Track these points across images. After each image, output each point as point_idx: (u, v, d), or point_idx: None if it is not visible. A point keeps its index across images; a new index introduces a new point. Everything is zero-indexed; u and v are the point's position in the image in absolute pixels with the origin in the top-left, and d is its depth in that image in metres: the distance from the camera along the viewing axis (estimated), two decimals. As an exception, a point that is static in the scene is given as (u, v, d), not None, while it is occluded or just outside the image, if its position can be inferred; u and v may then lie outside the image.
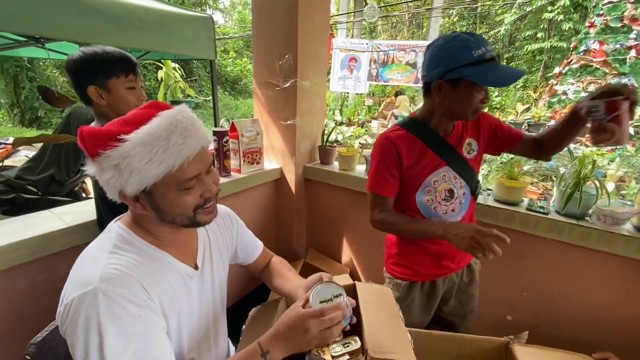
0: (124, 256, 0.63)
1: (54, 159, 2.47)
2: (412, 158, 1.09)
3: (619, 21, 5.54)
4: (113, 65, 0.99)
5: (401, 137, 1.09)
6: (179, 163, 0.60)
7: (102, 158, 0.58)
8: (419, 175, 1.10)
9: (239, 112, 13.19)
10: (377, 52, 8.52)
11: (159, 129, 0.58)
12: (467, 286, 1.28)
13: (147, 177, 0.58)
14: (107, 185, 0.61)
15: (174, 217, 0.66)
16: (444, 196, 1.13)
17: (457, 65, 0.93)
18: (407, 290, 1.22)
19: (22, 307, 1.08)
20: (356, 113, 8.37)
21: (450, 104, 1.02)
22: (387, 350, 0.84)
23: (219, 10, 18.19)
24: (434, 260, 1.19)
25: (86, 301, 0.54)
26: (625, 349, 1.32)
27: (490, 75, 0.93)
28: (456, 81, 0.96)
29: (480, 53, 0.92)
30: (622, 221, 1.23)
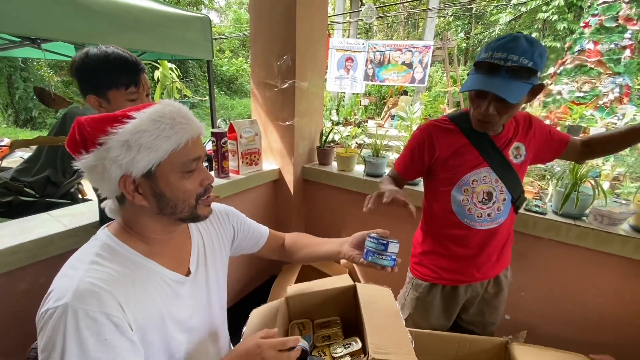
0: (105, 267, 0.61)
1: (50, 160, 2.45)
2: (448, 151, 1.07)
3: (614, 21, 5.60)
4: (114, 76, 0.94)
5: (443, 129, 1.09)
6: (185, 140, 0.63)
7: (109, 137, 0.58)
8: (456, 171, 1.08)
9: (235, 111, 13.16)
10: (373, 52, 8.54)
11: (163, 110, 0.62)
12: (492, 298, 1.23)
13: (156, 153, 0.60)
14: (111, 167, 0.59)
15: (176, 204, 0.66)
16: (481, 198, 1.08)
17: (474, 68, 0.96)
18: (426, 291, 1.20)
19: (21, 310, 1.07)
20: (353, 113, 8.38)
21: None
22: (388, 351, 0.85)
23: (214, 9, 18.11)
24: (459, 266, 1.16)
25: (55, 315, 0.54)
26: (623, 349, 1.34)
27: (468, 81, 0.95)
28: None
29: (483, 57, 0.91)
30: (618, 221, 1.25)
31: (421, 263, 1.23)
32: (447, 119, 1.11)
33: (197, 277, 0.80)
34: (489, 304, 1.24)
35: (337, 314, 1.15)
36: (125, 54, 0.96)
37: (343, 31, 10.75)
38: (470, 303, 1.23)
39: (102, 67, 0.92)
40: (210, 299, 0.84)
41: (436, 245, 1.19)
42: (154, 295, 0.68)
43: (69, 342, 0.53)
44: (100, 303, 0.57)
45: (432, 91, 12.32)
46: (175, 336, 0.72)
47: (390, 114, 8.71)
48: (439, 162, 1.09)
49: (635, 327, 1.31)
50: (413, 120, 3.24)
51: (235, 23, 18.88)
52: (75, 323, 0.54)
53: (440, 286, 1.20)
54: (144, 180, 0.62)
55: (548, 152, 1.15)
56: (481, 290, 1.21)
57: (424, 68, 8.19)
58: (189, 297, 0.76)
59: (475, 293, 1.21)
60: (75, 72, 0.94)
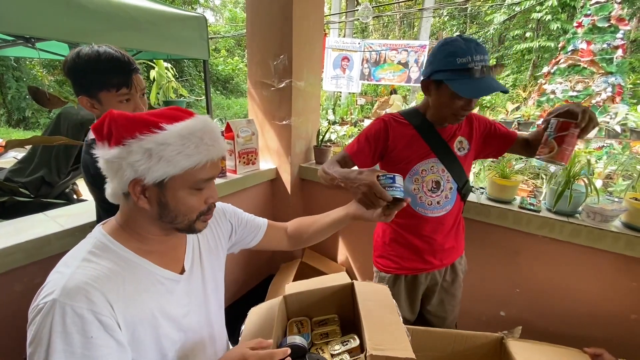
0: (97, 264, 0.62)
1: (44, 160, 2.43)
2: (400, 142, 1.14)
3: (606, 21, 5.66)
4: (104, 77, 0.92)
5: (396, 121, 1.17)
6: (205, 161, 0.64)
7: (134, 141, 0.59)
8: (407, 161, 1.16)
9: (230, 111, 13.10)
10: (369, 52, 8.55)
11: (195, 127, 0.63)
12: (450, 285, 1.32)
13: (173, 168, 0.61)
14: (127, 168, 0.60)
15: (177, 216, 0.67)
16: (430, 187, 1.17)
17: (442, 68, 0.98)
18: (392, 284, 1.26)
19: (18, 310, 1.07)
20: (349, 112, 8.40)
21: (435, 104, 1.09)
22: (386, 347, 0.86)
23: (210, 8, 18.03)
24: (417, 254, 1.23)
25: (44, 311, 0.55)
26: (615, 343, 1.36)
27: (465, 84, 0.96)
28: (439, 83, 1.02)
29: (463, 62, 0.95)
30: (611, 218, 1.27)
31: (383, 255, 1.29)
32: (400, 114, 1.19)
33: (192, 275, 0.80)
34: (447, 291, 1.32)
35: (334, 311, 1.16)
36: (117, 53, 0.93)
37: (339, 30, 10.76)
38: (431, 292, 1.30)
39: (93, 68, 0.90)
40: (207, 298, 0.84)
41: (394, 235, 1.25)
42: (146, 293, 0.68)
43: (54, 338, 0.54)
44: (88, 301, 0.57)
45: (427, 90, 12.34)
46: (169, 334, 0.71)
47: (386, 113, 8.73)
48: (392, 152, 1.16)
49: (627, 321, 1.33)
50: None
51: (230, 22, 18.80)
52: (61, 319, 0.54)
53: (402, 277, 1.26)
54: (153, 188, 0.63)
55: (493, 146, 1.24)
56: (440, 278, 1.29)
57: (420, 67, 8.22)
58: (183, 295, 0.76)
59: (434, 281, 1.28)
60: (67, 72, 0.92)
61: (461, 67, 0.95)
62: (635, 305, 1.31)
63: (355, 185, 0.90)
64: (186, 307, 0.77)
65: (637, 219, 1.23)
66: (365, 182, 0.86)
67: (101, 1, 1.85)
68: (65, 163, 2.47)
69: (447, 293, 1.32)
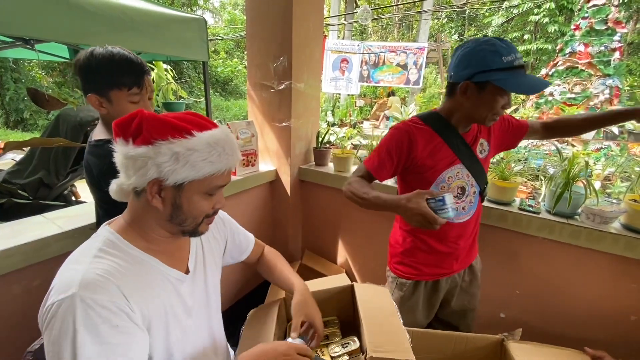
0: (108, 260, 0.62)
1: (43, 162, 2.42)
2: (425, 151, 1.09)
3: (604, 24, 5.70)
4: (117, 75, 0.93)
5: (419, 129, 1.10)
6: (223, 169, 0.67)
7: (165, 143, 0.61)
8: (434, 170, 1.11)
9: (230, 113, 13.10)
10: (368, 54, 8.58)
11: (220, 137, 0.66)
12: (469, 285, 1.30)
13: (196, 173, 0.63)
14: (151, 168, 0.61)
15: (186, 218, 0.69)
16: (456, 193, 1.14)
17: (487, 68, 0.95)
18: (412, 290, 1.23)
19: (16, 313, 1.06)
20: (348, 114, 8.42)
21: (472, 106, 1.03)
22: (386, 349, 0.85)
23: (209, 10, 18.04)
24: (439, 260, 1.21)
25: (64, 307, 0.54)
26: (615, 344, 1.37)
27: (518, 82, 0.94)
28: (483, 84, 0.98)
29: (509, 59, 0.93)
30: (610, 220, 1.27)
31: (403, 262, 1.25)
32: (419, 119, 1.13)
33: (196, 276, 0.81)
34: (467, 292, 1.30)
35: (334, 313, 1.16)
36: (130, 55, 0.95)
37: (338, 32, 10.79)
38: (450, 295, 1.28)
39: (106, 67, 0.92)
40: (208, 300, 0.85)
41: (417, 243, 1.21)
42: (157, 289, 0.69)
43: (80, 332, 0.54)
44: (109, 293, 0.58)
45: (426, 92, 12.41)
46: (176, 333, 0.72)
47: (385, 115, 8.76)
48: (417, 162, 1.10)
49: (626, 323, 1.33)
50: (408, 121, 3.26)
51: (229, 24, 18.83)
52: (84, 312, 0.55)
53: (423, 282, 1.23)
54: (170, 189, 0.64)
55: (508, 139, 1.25)
56: (459, 280, 1.27)
57: (419, 69, 8.25)
58: (188, 296, 0.77)
59: (454, 284, 1.27)
60: (79, 70, 0.93)
61: (508, 66, 0.94)
62: (635, 307, 1.32)
63: (407, 215, 0.92)
64: (190, 308, 0.77)
65: (636, 220, 1.24)
66: (417, 212, 0.87)
67: (101, 3, 1.85)
68: (64, 165, 2.46)
69: (467, 293, 1.30)
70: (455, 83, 1.03)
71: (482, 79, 0.96)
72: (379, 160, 1.11)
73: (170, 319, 0.71)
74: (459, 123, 1.11)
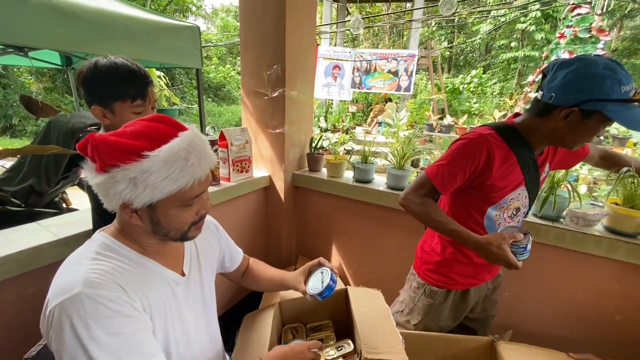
0: (106, 262, 0.63)
1: (33, 169, 2.40)
2: (501, 170, 1.00)
3: (587, 32, 5.89)
4: (121, 88, 0.93)
5: (498, 146, 0.99)
6: (191, 183, 0.63)
7: (119, 170, 0.58)
8: (502, 191, 1.04)
9: (222, 118, 13.08)
10: (359, 61, 8.69)
11: (179, 149, 0.61)
12: (492, 292, 1.30)
13: (160, 193, 0.61)
14: (114, 195, 0.60)
15: (169, 231, 0.68)
16: (510, 213, 1.11)
17: (602, 97, 0.84)
18: (443, 298, 1.21)
19: (11, 321, 1.06)
20: (341, 120, 8.49)
21: (567, 132, 0.93)
22: (380, 351, 0.88)
23: (201, 16, 18.09)
24: (475, 272, 1.19)
25: (70, 306, 0.54)
26: (601, 344, 1.41)
27: (633, 116, 0.84)
28: (590, 112, 0.87)
29: (627, 90, 0.84)
30: (593, 222, 1.32)
31: (438, 271, 1.20)
32: (498, 134, 1.00)
33: (191, 279, 0.82)
34: (490, 298, 1.30)
35: (328, 317, 1.18)
36: (134, 66, 0.95)
37: (330, 39, 10.91)
38: (477, 303, 1.28)
39: (110, 79, 0.91)
40: (204, 303, 0.86)
41: (457, 255, 1.16)
42: (156, 288, 0.70)
43: (92, 326, 0.54)
44: (112, 289, 0.59)
45: (417, 98, 12.58)
46: (175, 334, 0.73)
47: (377, 121, 8.86)
48: (486, 182, 1.01)
49: (612, 323, 1.38)
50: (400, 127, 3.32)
51: (222, 30, 18.88)
52: (93, 307, 0.55)
53: (454, 291, 1.21)
54: (144, 209, 0.64)
55: (568, 161, 1.20)
56: (485, 289, 1.27)
57: (409, 76, 8.38)
58: (184, 298, 0.78)
59: (482, 293, 1.26)
60: (82, 81, 0.93)
61: (624, 97, 0.84)
62: (619, 307, 1.36)
63: (488, 257, 0.94)
64: (186, 310, 0.78)
65: (618, 223, 1.29)
66: (501, 258, 0.91)
67: (95, 11, 1.86)
68: (55, 172, 2.43)
69: (490, 300, 1.30)
70: (555, 105, 0.91)
71: (593, 108, 0.85)
72: (450, 175, 1.00)
73: (168, 319, 0.72)
74: (538, 144, 1.01)
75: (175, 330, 0.73)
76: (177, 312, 0.75)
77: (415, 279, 1.27)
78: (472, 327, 1.34)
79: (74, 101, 3.56)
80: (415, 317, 1.25)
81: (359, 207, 1.88)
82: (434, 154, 2.22)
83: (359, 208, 1.90)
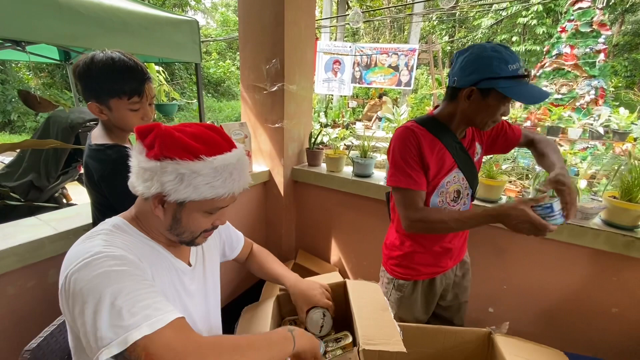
0: (120, 238, 0.65)
1: (33, 164, 2.41)
2: (431, 157, 1.08)
3: (589, 26, 5.84)
4: (117, 84, 0.91)
5: (422, 134, 1.07)
6: (226, 194, 0.67)
7: (172, 163, 0.61)
8: (437, 177, 1.11)
9: (222, 114, 13.06)
10: (360, 55, 8.64)
11: (229, 162, 0.66)
12: (461, 279, 1.34)
13: (197, 195, 0.63)
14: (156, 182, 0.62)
15: (184, 232, 0.70)
16: (452, 197, 1.16)
17: (493, 76, 0.95)
18: (411, 290, 1.25)
19: (12, 313, 1.07)
20: (341, 115, 8.46)
21: (474, 112, 1.03)
22: (378, 342, 0.88)
23: (201, 11, 17.96)
24: (436, 260, 1.23)
25: (89, 265, 0.55)
26: (597, 334, 1.42)
27: (522, 90, 0.94)
28: (487, 91, 0.97)
29: (514, 68, 0.94)
30: (591, 215, 1.32)
31: (401, 264, 1.26)
32: (420, 125, 1.10)
33: (196, 270, 0.83)
34: (460, 285, 1.34)
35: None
36: (131, 61, 0.92)
37: (330, 34, 10.84)
38: (446, 291, 1.31)
39: (107, 75, 0.90)
40: (207, 294, 0.87)
41: (415, 246, 1.22)
42: (165, 274, 0.72)
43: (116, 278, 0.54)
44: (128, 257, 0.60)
45: (418, 93, 12.54)
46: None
47: (377, 116, 8.83)
48: (426, 169, 1.08)
49: (608, 314, 1.39)
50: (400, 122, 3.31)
51: (222, 25, 18.75)
52: (114, 263, 0.56)
53: (420, 281, 1.26)
54: (173, 204, 0.66)
55: (500, 144, 1.25)
56: (452, 275, 1.30)
57: (410, 71, 8.34)
58: (190, 286, 0.80)
59: (449, 280, 1.30)
60: (78, 76, 0.91)
61: (513, 74, 0.94)
62: (616, 299, 1.37)
63: (513, 224, 0.92)
64: (191, 303, 0.80)
65: (615, 216, 1.29)
66: (525, 220, 0.89)
67: (93, 5, 1.85)
68: (55, 167, 2.44)
69: (460, 286, 1.34)
70: (458, 88, 1.02)
71: (487, 86, 0.96)
72: (414, 172, 1.06)
73: (176, 300, 0.74)
74: (458, 128, 1.11)
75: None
76: (180, 300, 0.76)
77: (385, 275, 1.32)
78: (446, 317, 1.37)
79: (73, 97, 3.56)
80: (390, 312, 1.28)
81: (358, 201, 1.89)
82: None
83: (358, 202, 1.90)
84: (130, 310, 0.51)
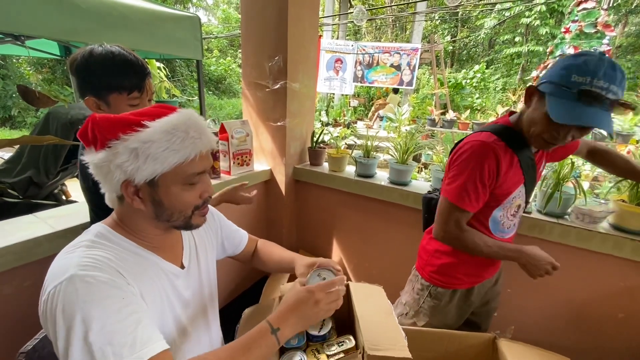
0: (102, 249, 0.62)
1: (32, 160, 2.38)
2: (507, 175, 0.99)
3: (593, 27, 5.80)
4: (117, 79, 0.89)
5: (502, 151, 0.96)
6: (193, 154, 0.63)
7: (119, 142, 0.58)
8: (508, 192, 1.03)
9: (223, 111, 13.02)
10: (362, 54, 8.61)
11: (178, 121, 0.62)
12: (494, 285, 1.29)
13: (161, 165, 0.60)
14: (115, 171, 0.59)
15: (172, 213, 0.67)
16: (513, 212, 1.10)
17: (553, 80, 0.83)
18: (449, 298, 1.20)
19: (8, 314, 1.05)
20: (342, 114, 8.43)
21: (527, 117, 0.93)
22: (383, 347, 0.86)
23: (202, 8, 17.90)
24: (478, 269, 1.19)
25: (64, 289, 0.53)
26: (603, 340, 1.40)
27: (560, 105, 0.80)
28: (542, 95, 0.86)
29: (580, 81, 0.79)
30: (599, 219, 1.30)
31: (443, 272, 1.19)
32: (495, 137, 0.98)
33: (190, 271, 0.81)
34: (492, 291, 1.29)
35: (330, 312, 1.16)
36: (131, 56, 0.90)
37: (332, 32, 10.80)
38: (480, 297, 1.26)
39: (106, 69, 0.87)
40: (203, 295, 0.85)
41: (461, 256, 1.15)
42: (153, 278, 0.69)
43: (87, 309, 0.52)
44: (107, 272, 0.58)
45: (420, 93, 12.50)
46: (170, 326, 0.72)
47: (378, 115, 8.80)
48: (499, 188, 1.01)
49: (615, 320, 1.37)
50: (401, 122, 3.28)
51: (223, 22, 18.70)
52: (87, 289, 0.54)
53: (459, 290, 1.20)
54: (145, 187, 0.63)
55: (560, 154, 1.20)
56: (487, 283, 1.25)
57: (412, 70, 8.30)
58: (184, 290, 0.77)
59: (485, 288, 1.25)
60: (76, 70, 0.88)
61: (571, 86, 0.80)
62: (623, 305, 1.35)
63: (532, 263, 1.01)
64: (188, 301, 0.78)
65: (624, 220, 1.27)
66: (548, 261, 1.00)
67: (94, 0, 1.83)
68: (54, 163, 2.42)
69: (492, 292, 1.30)
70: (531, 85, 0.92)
71: (543, 89, 0.84)
72: (475, 195, 0.98)
73: (166, 308, 0.70)
74: (531, 138, 0.97)
75: (170, 319, 0.72)
76: (176, 302, 0.74)
77: (419, 280, 1.25)
78: (474, 321, 1.33)
79: (74, 92, 3.54)
80: (421, 319, 1.24)
81: (361, 201, 1.87)
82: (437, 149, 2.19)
83: (360, 203, 1.88)
84: (103, 350, 0.50)
